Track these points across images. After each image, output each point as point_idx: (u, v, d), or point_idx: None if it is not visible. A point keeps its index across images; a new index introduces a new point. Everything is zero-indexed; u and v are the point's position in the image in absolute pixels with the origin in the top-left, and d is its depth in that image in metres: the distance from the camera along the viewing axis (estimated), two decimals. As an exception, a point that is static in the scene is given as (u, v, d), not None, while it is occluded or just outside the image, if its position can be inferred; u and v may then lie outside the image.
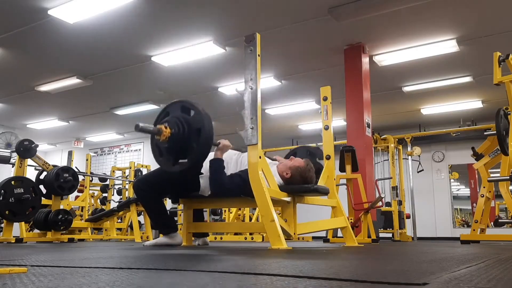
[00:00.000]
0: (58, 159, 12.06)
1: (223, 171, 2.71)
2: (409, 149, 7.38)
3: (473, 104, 8.28)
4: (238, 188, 2.64)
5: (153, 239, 4.11)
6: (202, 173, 2.85)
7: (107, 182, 7.96)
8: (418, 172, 7.44)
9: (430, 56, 6.15)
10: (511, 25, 5.38)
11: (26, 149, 4.26)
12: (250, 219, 7.18)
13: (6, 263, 1.37)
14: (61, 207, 4.68)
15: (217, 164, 2.72)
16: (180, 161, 2.58)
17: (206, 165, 2.87)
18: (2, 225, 4.77)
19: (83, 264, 1.34)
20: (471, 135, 8.41)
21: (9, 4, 4.86)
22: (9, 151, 5.13)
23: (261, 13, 5.13)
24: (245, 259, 1.57)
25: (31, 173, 4.55)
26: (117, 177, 8.00)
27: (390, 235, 6.52)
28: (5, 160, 4.79)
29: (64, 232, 4.75)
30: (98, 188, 8.39)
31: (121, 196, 8.02)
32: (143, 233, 6.33)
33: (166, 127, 2.52)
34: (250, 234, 5.78)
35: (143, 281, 0.85)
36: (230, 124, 2.71)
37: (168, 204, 5.91)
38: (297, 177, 2.76)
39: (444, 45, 5.82)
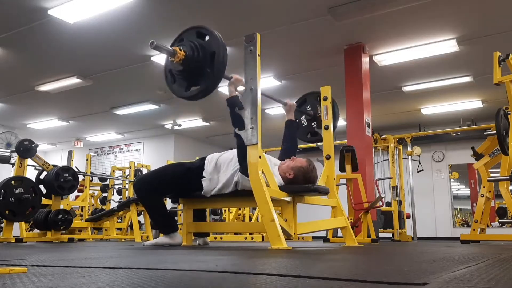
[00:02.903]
0: (58, 159, 12.06)
1: (241, 105, 2.59)
2: (409, 149, 7.38)
3: (473, 104, 8.28)
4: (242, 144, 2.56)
5: (153, 239, 4.11)
6: (204, 176, 2.84)
7: (107, 182, 7.96)
8: (418, 172, 7.44)
9: (430, 56, 6.15)
10: (511, 25, 5.38)
11: (26, 149, 4.26)
12: (250, 219, 7.19)
13: (6, 263, 1.37)
14: (61, 207, 4.68)
15: (234, 100, 2.64)
16: (192, 88, 2.54)
17: (208, 168, 2.87)
18: (2, 225, 4.77)
19: (83, 264, 1.34)
20: (471, 135, 8.41)
21: (9, 4, 4.86)
22: (9, 151, 5.12)
23: (261, 13, 5.13)
24: (245, 259, 1.57)
25: (31, 173, 4.55)
26: (117, 177, 8.00)
27: (390, 235, 6.52)
28: (5, 160, 4.79)
29: (64, 232, 4.75)
30: (98, 188, 8.40)
31: (121, 196, 8.02)
32: (143, 233, 6.33)
33: (180, 49, 2.48)
34: (250, 234, 5.79)
35: (143, 281, 0.85)
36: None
37: (168, 204, 5.91)
38: (300, 177, 2.75)
39: (444, 45, 5.82)
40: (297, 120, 3.48)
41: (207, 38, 2.54)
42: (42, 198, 4.36)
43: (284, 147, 3.24)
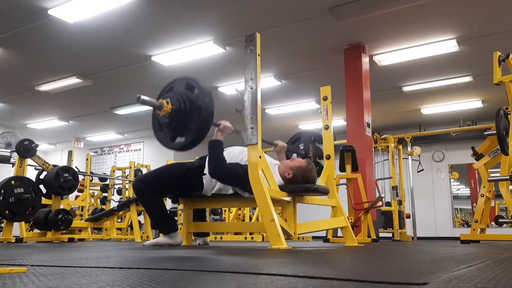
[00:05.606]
0: (58, 159, 12.06)
1: (222, 152, 2.68)
2: (409, 149, 7.38)
3: (473, 104, 8.28)
4: (236, 176, 2.61)
5: (153, 238, 4.11)
6: (205, 174, 2.84)
7: (107, 182, 7.96)
8: (418, 172, 7.44)
9: (430, 56, 6.15)
10: (511, 25, 5.38)
11: (26, 149, 4.26)
12: (250, 219, 7.18)
13: (6, 262, 1.37)
14: (61, 207, 4.68)
15: (216, 145, 2.71)
16: (178, 139, 2.55)
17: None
18: (2, 225, 4.77)
19: (83, 264, 1.34)
20: (471, 135, 8.41)
21: (9, 4, 4.86)
22: (9, 151, 5.13)
23: (261, 13, 5.13)
24: (245, 259, 1.57)
25: (31, 173, 4.55)
26: (117, 177, 7.99)
27: (390, 235, 6.52)
28: (5, 160, 4.79)
29: (64, 232, 4.75)
30: (98, 187, 8.39)
31: (121, 196, 8.01)
32: (143, 233, 6.33)
33: (167, 103, 2.49)
34: (250, 234, 5.78)
35: (143, 281, 0.85)
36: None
37: (168, 204, 5.91)
38: (299, 177, 2.76)
39: (444, 45, 5.82)
40: None
41: (195, 91, 2.54)
42: (42, 198, 4.36)
43: None
